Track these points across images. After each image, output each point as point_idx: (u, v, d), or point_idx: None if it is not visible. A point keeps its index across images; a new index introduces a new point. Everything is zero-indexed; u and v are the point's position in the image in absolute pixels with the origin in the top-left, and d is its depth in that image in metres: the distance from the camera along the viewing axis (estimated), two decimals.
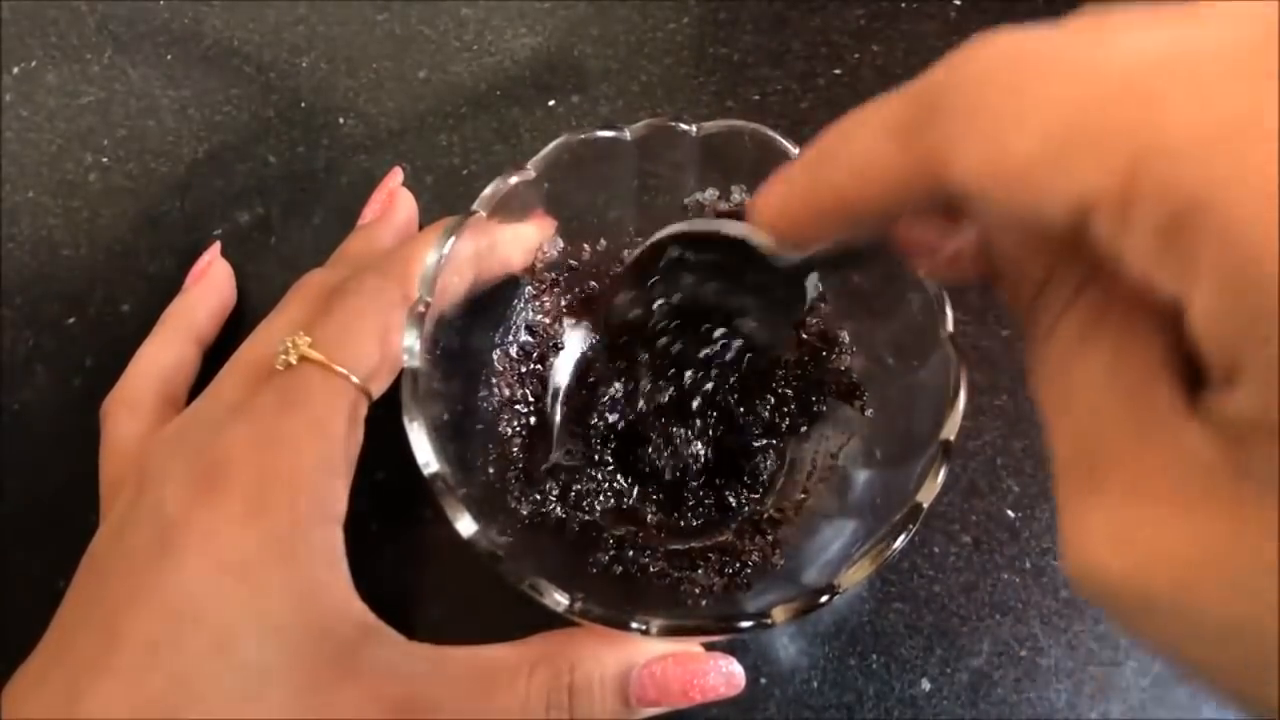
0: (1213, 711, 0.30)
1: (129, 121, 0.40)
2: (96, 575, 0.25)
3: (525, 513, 0.28)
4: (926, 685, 0.30)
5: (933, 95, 0.13)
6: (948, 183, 0.13)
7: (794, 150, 0.27)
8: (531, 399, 0.31)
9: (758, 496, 0.30)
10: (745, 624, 0.22)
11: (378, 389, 0.27)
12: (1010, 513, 0.32)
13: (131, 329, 0.34)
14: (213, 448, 0.25)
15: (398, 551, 0.32)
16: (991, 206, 0.13)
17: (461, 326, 0.27)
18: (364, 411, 0.27)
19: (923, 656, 0.30)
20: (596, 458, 0.30)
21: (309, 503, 0.25)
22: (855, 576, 0.22)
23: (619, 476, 0.30)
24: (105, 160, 0.40)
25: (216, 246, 0.35)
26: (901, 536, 0.22)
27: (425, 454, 0.23)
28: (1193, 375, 0.13)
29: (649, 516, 0.30)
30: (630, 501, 0.29)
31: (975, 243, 0.17)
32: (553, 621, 0.24)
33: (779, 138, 0.27)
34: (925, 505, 0.23)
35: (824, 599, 0.22)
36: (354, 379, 0.26)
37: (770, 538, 0.29)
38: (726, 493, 0.30)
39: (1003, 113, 0.12)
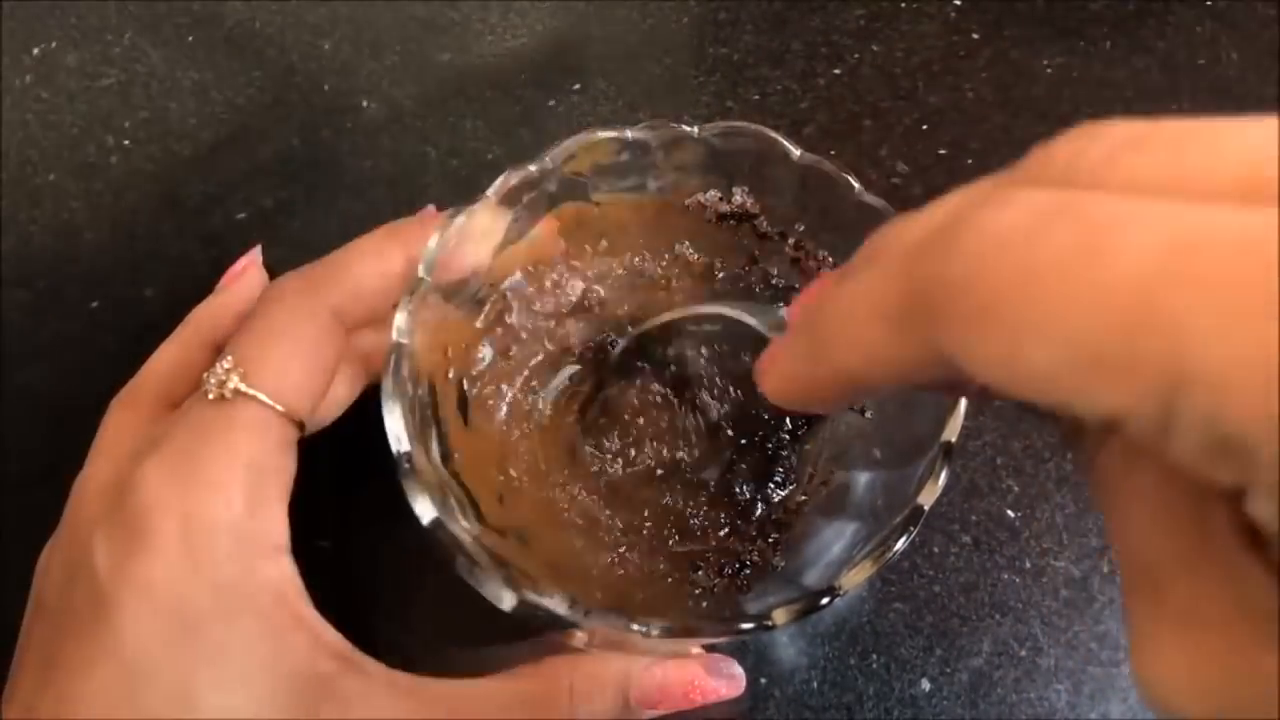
0: None
1: (150, 104, 0.40)
2: (51, 627, 0.24)
3: (526, 513, 0.28)
4: (926, 685, 0.30)
5: (927, 289, 0.13)
6: (960, 372, 0.13)
7: (794, 151, 0.27)
8: (533, 401, 0.31)
9: (775, 501, 0.30)
10: (746, 626, 0.22)
11: (308, 412, 0.26)
12: (1010, 513, 0.32)
13: (154, 312, 0.34)
14: (131, 494, 0.23)
15: (377, 568, 0.31)
16: (1015, 397, 0.12)
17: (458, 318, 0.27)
18: (294, 436, 0.25)
19: (923, 656, 0.30)
20: (599, 457, 0.30)
21: (245, 543, 0.23)
22: (856, 578, 0.22)
23: (622, 478, 0.30)
24: (126, 143, 0.39)
25: (257, 251, 0.34)
26: (902, 538, 0.22)
27: (397, 428, 0.23)
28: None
29: (652, 519, 0.30)
30: (632, 503, 0.29)
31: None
32: (543, 633, 0.23)
33: (780, 138, 0.27)
34: (926, 507, 0.23)
35: (825, 601, 0.22)
36: (278, 407, 0.24)
37: (771, 539, 0.29)
38: (744, 501, 0.30)
39: (1016, 321, 0.11)
